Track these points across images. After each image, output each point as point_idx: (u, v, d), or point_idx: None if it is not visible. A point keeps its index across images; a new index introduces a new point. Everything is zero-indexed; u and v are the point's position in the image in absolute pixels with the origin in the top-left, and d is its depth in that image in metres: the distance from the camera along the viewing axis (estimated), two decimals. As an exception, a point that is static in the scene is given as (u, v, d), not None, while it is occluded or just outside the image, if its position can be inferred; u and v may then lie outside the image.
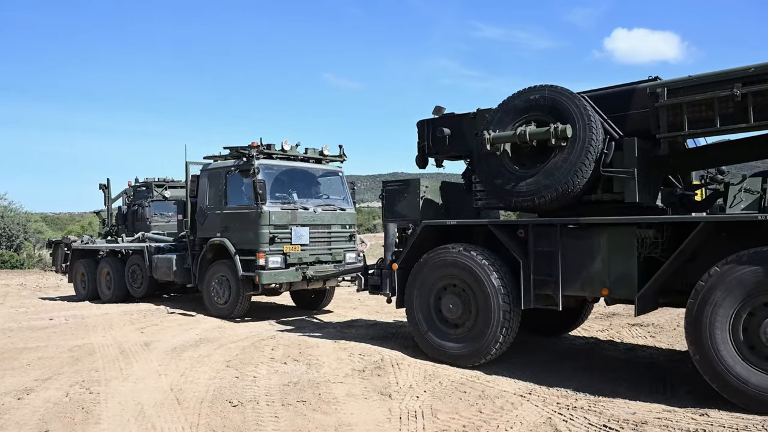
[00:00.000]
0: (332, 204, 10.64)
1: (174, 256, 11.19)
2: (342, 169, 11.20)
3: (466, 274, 6.42)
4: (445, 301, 6.64)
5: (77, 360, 6.96)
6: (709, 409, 4.96)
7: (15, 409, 5.17)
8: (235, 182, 10.09)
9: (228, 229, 10.02)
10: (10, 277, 20.96)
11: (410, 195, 7.37)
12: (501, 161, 6.36)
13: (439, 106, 7.61)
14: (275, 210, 9.66)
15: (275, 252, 9.59)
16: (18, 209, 29.92)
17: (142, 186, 20.16)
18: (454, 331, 6.61)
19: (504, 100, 6.50)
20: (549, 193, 6.01)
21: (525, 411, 5.03)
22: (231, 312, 9.95)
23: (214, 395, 5.48)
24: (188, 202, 10.88)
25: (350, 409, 5.13)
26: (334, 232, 10.48)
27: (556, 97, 6.08)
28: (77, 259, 14.08)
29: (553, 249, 5.99)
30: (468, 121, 7.38)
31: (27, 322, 9.82)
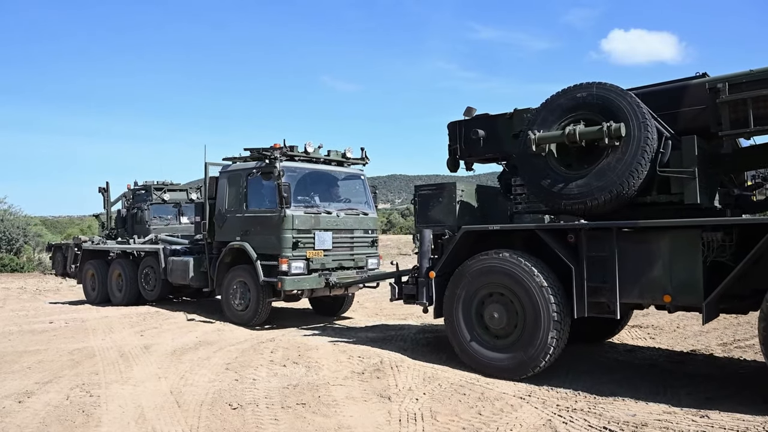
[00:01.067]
0: (355, 208, 10.38)
1: (191, 259, 10.85)
2: (364, 172, 10.94)
3: (511, 282, 6.08)
4: (489, 310, 6.29)
5: (77, 363, 6.96)
6: (710, 410, 4.97)
7: (16, 412, 5.17)
8: (256, 184, 9.77)
9: (248, 232, 9.69)
10: (10, 280, 20.95)
11: (445, 199, 7.05)
12: (547, 162, 6.09)
13: (470, 107, 7.37)
14: (298, 214, 9.35)
15: (298, 257, 9.27)
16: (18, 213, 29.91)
17: (141, 189, 20.19)
18: (499, 341, 6.25)
19: (548, 98, 6.23)
20: (602, 195, 5.74)
21: (525, 413, 5.03)
22: (251, 319, 9.58)
23: (214, 398, 5.48)
24: (206, 204, 10.52)
25: (350, 411, 5.13)
26: (357, 237, 10.18)
27: (606, 95, 5.83)
28: (87, 261, 13.75)
29: (607, 254, 5.66)
30: (504, 121, 7.13)
31: (27, 326, 9.82)
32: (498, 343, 6.26)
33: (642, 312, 10.03)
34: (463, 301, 6.49)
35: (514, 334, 6.12)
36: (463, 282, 6.48)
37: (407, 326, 9.73)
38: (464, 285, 6.47)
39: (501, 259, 6.20)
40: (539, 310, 5.87)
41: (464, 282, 6.48)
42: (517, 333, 6.09)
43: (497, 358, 6.20)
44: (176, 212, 19.63)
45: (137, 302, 12.22)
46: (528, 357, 5.95)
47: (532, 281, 5.94)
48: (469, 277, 6.44)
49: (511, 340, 6.15)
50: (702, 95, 5.69)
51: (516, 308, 6.11)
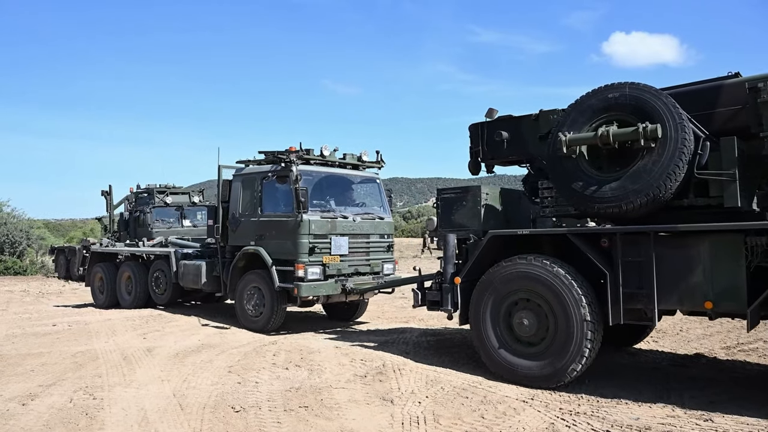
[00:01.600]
0: (371, 212, 10.20)
1: (203, 263, 10.58)
2: (379, 176, 10.78)
3: (542, 288, 5.90)
4: (518, 316, 6.11)
5: (80, 366, 6.97)
6: (713, 414, 4.96)
7: (20, 414, 5.18)
8: (271, 188, 9.60)
9: (263, 237, 9.51)
10: (13, 283, 20.98)
11: (470, 203, 6.90)
12: (578, 165, 5.95)
13: (492, 109, 7.23)
14: (315, 219, 9.16)
15: (314, 263, 9.07)
16: (21, 216, 30.00)
17: (143, 192, 20.28)
18: (529, 349, 6.05)
19: (577, 99, 6.09)
20: (638, 198, 5.57)
21: (527, 416, 5.03)
22: (265, 325, 9.35)
23: (217, 401, 5.49)
24: (219, 208, 10.31)
25: (352, 414, 5.13)
26: (373, 242, 9.99)
27: (640, 95, 5.67)
28: (95, 264, 13.54)
29: (644, 259, 5.49)
30: (529, 123, 6.99)
31: (30, 328, 9.83)
32: (528, 351, 6.06)
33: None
34: (490, 307, 6.30)
35: (545, 342, 5.93)
36: (491, 288, 6.30)
37: (409, 329, 9.72)
38: (492, 291, 6.29)
39: (531, 264, 6.02)
40: (572, 317, 5.69)
41: (492, 288, 6.29)
42: (549, 340, 5.90)
43: (528, 366, 5.99)
44: (178, 215, 19.70)
45: (146, 306, 12.05)
46: (561, 365, 5.75)
47: (564, 287, 5.76)
48: (497, 282, 6.25)
49: (542, 348, 5.95)
50: (739, 95, 5.54)
51: (547, 315, 5.93)
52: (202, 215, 20.30)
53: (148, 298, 12.18)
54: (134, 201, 20.27)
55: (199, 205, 20.47)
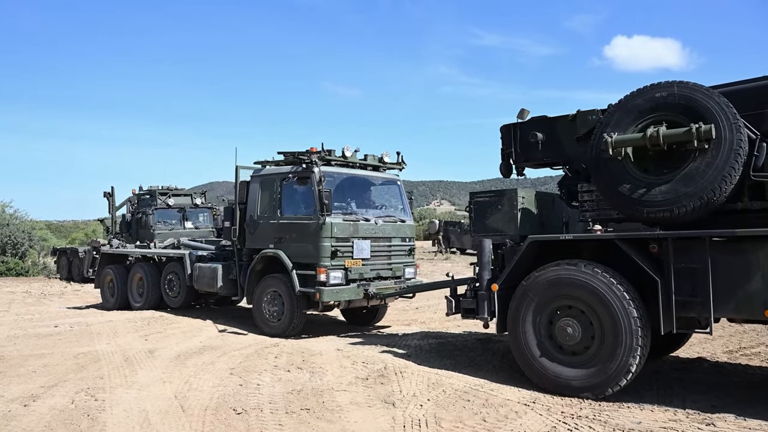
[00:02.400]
0: (392, 215, 10.01)
1: (219, 265, 10.31)
2: (400, 178, 10.57)
3: (588, 295, 5.65)
4: (560, 324, 5.86)
5: (82, 367, 6.98)
6: (715, 418, 4.95)
7: (21, 415, 5.18)
8: (291, 190, 9.41)
9: (282, 240, 9.30)
10: (15, 284, 20.99)
11: (506, 207, 6.68)
12: (624, 167, 5.74)
13: (524, 109, 7.03)
14: (337, 221, 8.93)
15: (336, 267, 8.86)
16: (23, 217, 30.02)
17: (146, 194, 20.32)
18: (573, 358, 5.81)
19: (622, 99, 5.91)
20: (691, 202, 5.37)
21: (529, 420, 5.02)
22: (285, 331, 9.11)
23: (218, 403, 5.49)
24: (237, 209, 10.07)
25: (354, 417, 5.13)
26: (395, 246, 9.76)
27: (690, 94, 5.47)
28: (106, 265, 13.32)
29: (699, 266, 5.25)
30: (565, 123, 6.76)
31: (32, 330, 9.84)
32: (572, 360, 5.81)
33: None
34: (531, 314, 6.04)
35: (591, 350, 5.70)
36: (532, 294, 6.04)
37: (411, 332, 9.71)
38: (533, 297, 6.04)
39: (577, 270, 5.75)
40: (620, 325, 5.45)
41: (533, 294, 6.04)
42: (594, 349, 5.67)
43: (572, 375, 5.75)
44: (180, 217, 19.74)
45: (158, 308, 11.85)
46: (608, 375, 5.52)
47: (611, 294, 5.51)
48: (539, 289, 6.00)
49: (587, 357, 5.71)
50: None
51: (592, 322, 5.70)
52: (204, 217, 20.35)
53: (160, 301, 11.97)
54: (136, 202, 20.32)
55: (201, 207, 20.51)
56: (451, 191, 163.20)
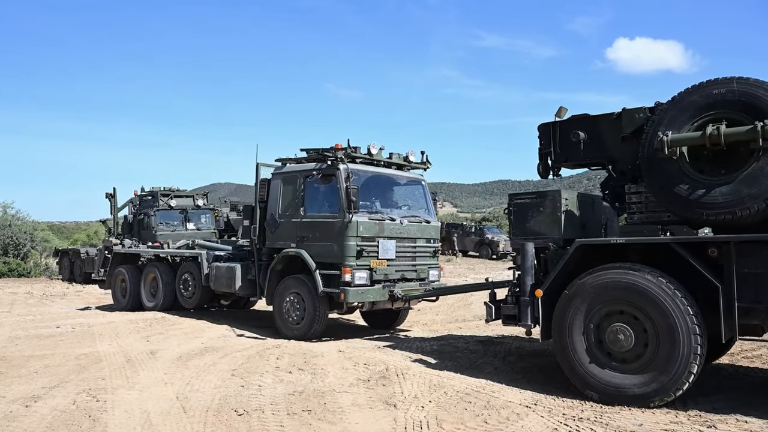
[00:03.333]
0: (417, 215, 9.78)
1: (238, 265, 10.04)
2: (424, 178, 10.34)
3: (643, 300, 5.39)
4: (611, 330, 5.59)
5: (84, 368, 6.98)
6: (717, 420, 4.94)
7: (23, 416, 5.19)
8: (314, 187, 9.19)
9: (305, 239, 9.06)
10: (17, 285, 21.02)
11: (548, 209, 6.38)
12: (680, 167, 5.52)
13: (562, 107, 6.86)
14: (363, 220, 8.69)
15: (361, 267, 8.61)
16: (25, 218, 30.05)
17: (148, 195, 20.36)
18: (625, 366, 5.55)
19: (676, 96, 5.70)
20: (755, 203, 5.14)
21: (531, 422, 5.02)
22: (306, 333, 8.85)
23: (220, 404, 5.49)
24: (257, 207, 9.81)
25: (355, 418, 5.13)
26: (419, 247, 9.51)
27: (751, 91, 5.23)
28: (118, 265, 13.14)
29: (764, 271, 5.01)
30: (609, 122, 6.51)
31: (34, 330, 9.85)
32: (624, 367, 5.55)
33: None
34: (579, 320, 5.77)
35: (644, 358, 5.43)
36: (580, 299, 5.76)
37: (412, 334, 9.72)
38: (581, 302, 5.75)
39: (631, 275, 5.48)
40: (677, 332, 5.21)
41: (581, 299, 5.76)
42: (648, 356, 5.41)
43: (623, 384, 5.48)
44: (182, 218, 19.76)
45: (172, 309, 11.68)
46: (664, 382, 5.27)
47: (668, 300, 5.26)
48: (588, 293, 5.72)
49: (641, 364, 5.44)
50: None
51: (646, 328, 5.44)
52: (206, 218, 20.38)
53: (174, 302, 11.76)
54: (138, 204, 20.35)
55: (203, 208, 20.54)
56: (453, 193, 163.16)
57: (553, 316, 5.98)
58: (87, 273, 21.74)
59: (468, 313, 11.64)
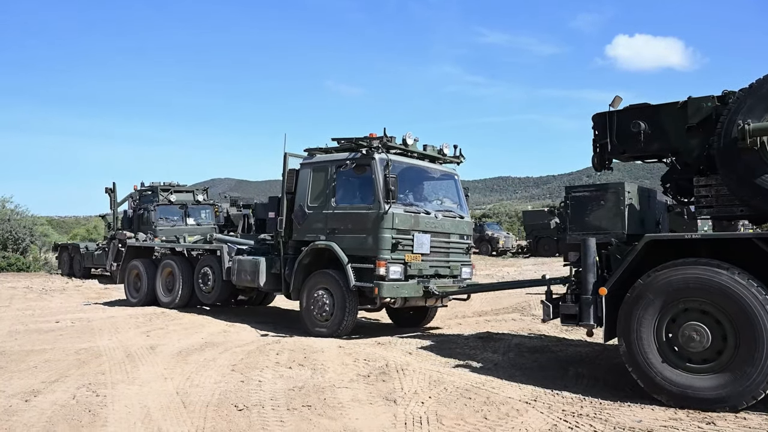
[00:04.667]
0: (451, 210, 9.51)
1: (262, 259, 9.69)
2: (457, 172, 10.08)
3: (722, 298, 5.12)
4: (684, 330, 5.32)
5: (84, 363, 6.99)
6: (716, 417, 4.95)
7: (22, 411, 5.19)
8: (347, 178, 8.90)
9: (336, 231, 8.74)
10: (17, 279, 21.03)
11: (610, 203, 6.04)
12: (761, 158, 5.27)
13: (618, 96, 6.59)
14: (399, 212, 8.38)
15: (396, 261, 8.30)
16: (24, 212, 30.07)
17: (147, 190, 20.38)
18: (701, 367, 5.28)
19: (753, 84, 5.48)
20: None
21: (530, 418, 5.02)
22: (336, 330, 8.54)
23: (220, 399, 5.49)
24: (284, 199, 9.46)
25: (355, 414, 5.13)
26: (453, 243, 9.22)
27: None
28: (132, 259, 12.73)
29: None
30: (672, 111, 6.21)
31: (34, 325, 9.86)
32: (698, 369, 5.27)
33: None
34: (648, 319, 5.47)
35: (723, 358, 5.18)
36: (650, 297, 5.46)
37: (412, 330, 9.72)
38: (650, 301, 5.46)
39: (710, 272, 5.19)
40: (758, 333, 4.94)
41: (651, 297, 5.46)
42: (726, 357, 5.16)
43: (696, 386, 5.22)
44: (182, 213, 19.79)
45: (189, 305, 11.44)
46: (740, 387, 5.01)
47: (753, 300, 4.98)
48: (659, 291, 5.42)
49: (720, 364, 5.18)
50: None
51: (723, 329, 5.18)
52: (205, 214, 20.40)
53: (191, 297, 11.42)
54: (138, 199, 20.37)
55: (203, 203, 20.56)
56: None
57: (619, 315, 5.66)
58: (86, 268, 21.79)
59: (468, 309, 11.65)
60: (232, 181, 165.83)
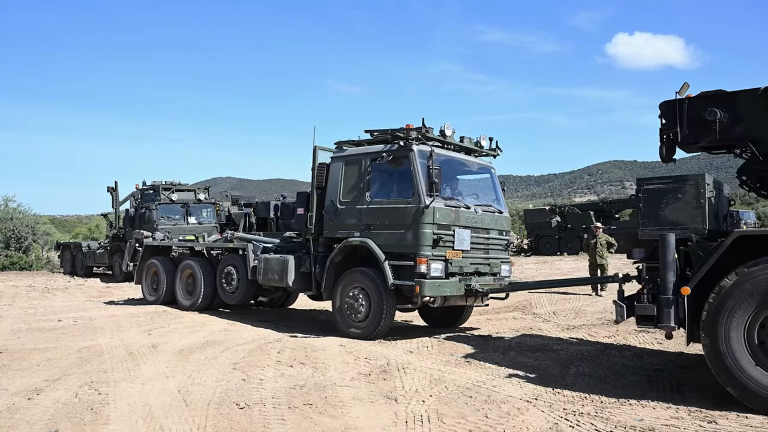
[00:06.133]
0: (490, 204, 9.12)
1: (291, 257, 9.27)
2: (494, 166, 9.66)
3: None
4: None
5: (86, 361, 7.00)
6: (718, 416, 4.95)
7: (25, 408, 5.20)
8: (382, 171, 8.50)
9: (371, 227, 8.34)
10: (19, 278, 21.08)
11: (688, 196, 5.66)
12: None
13: (686, 83, 6.26)
14: (440, 206, 7.97)
15: (437, 257, 7.91)
16: (27, 211, 30.16)
17: (149, 189, 20.42)
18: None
19: None
20: None
21: (531, 416, 5.02)
22: (372, 331, 8.16)
23: (221, 397, 5.50)
24: (313, 194, 9.10)
25: (356, 412, 5.14)
26: (492, 239, 8.83)
27: None
28: (149, 258, 12.52)
29: None
30: (752, 99, 5.83)
31: (36, 323, 9.89)
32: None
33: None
34: (738, 320, 5.13)
35: None
36: (739, 297, 5.12)
37: (413, 328, 9.72)
38: (741, 301, 5.11)
39: None
40: None
41: (740, 297, 5.11)
42: None
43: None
44: (184, 212, 19.82)
45: (211, 305, 11.22)
46: None
47: None
48: (753, 291, 5.07)
49: None
50: None
51: None
52: (207, 212, 20.43)
53: (213, 299, 11.15)
54: (140, 198, 20.42)
55: (204, 202, 20.59)
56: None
57: (704, 316, 5.31)
58: (88, 267, 21.85)
59: (469, 308, 11.64)
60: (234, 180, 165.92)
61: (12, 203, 29.68)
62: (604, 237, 13.98)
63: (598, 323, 9.84)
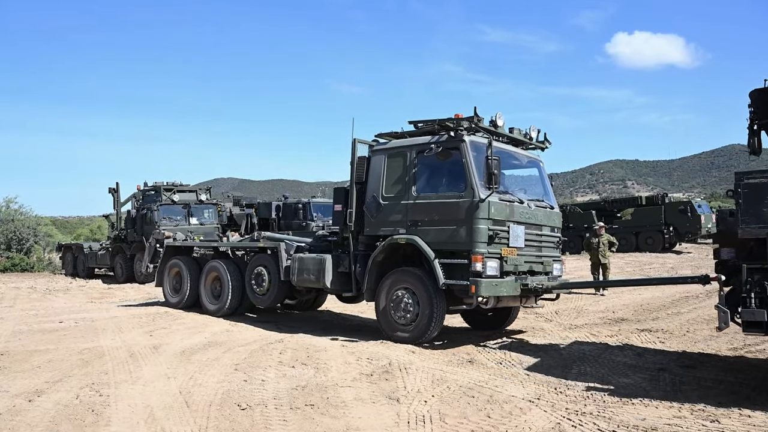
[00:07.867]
0: (541, 199, 8.63)
1: (328, 256, 8.77)
2: (542, 159, 9.20)
3: None
4: None
5: (87, 363, 7.00)
6: (720, 415, 4.94)
7: (26, 410, 5.20)
8: (429, 164, 8.00)
9: (418, 224, 7.83)
10: (21, 280, 21.11)
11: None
12: None
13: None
14: (495, 201, 7.45)
15: (492, 255, 7.40)
16: (28, 213, 30.23)
17: (151, 190, 20.44)
18: None
19: None
20: None
21: (533, 416, 5.01)
22: (421, 335, 7.72)
23: (223, 398, 5.50)
24: (353, 189, 8.60)
25: (358, 413, 5.13)
26: (545, 236, 8.35)
27: None
28: (171, 258, 11.95)
29: None
30: None
31: (37, 325, 9.89)
32: None
33: (652, 316, 9.99)
34: None
35: None
36: None
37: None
38: None
39: None
40: None
41: None
42: None
43: None
44: (185, 213, 19.84)
45: (237, 311, 10.73)
46: None
47: None
48: None
49: None
50: None
51: None
52: (209, 213, 20.45)
53: (242, 302, 10.62)
54: (141, 198, 20.44)
55: (206, 203, 20.61)
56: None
57: None
58: (90, 268, 21.89)
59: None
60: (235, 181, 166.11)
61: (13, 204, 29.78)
62: (606, 236, 14.05)
63: (601, 323, 9.83)
